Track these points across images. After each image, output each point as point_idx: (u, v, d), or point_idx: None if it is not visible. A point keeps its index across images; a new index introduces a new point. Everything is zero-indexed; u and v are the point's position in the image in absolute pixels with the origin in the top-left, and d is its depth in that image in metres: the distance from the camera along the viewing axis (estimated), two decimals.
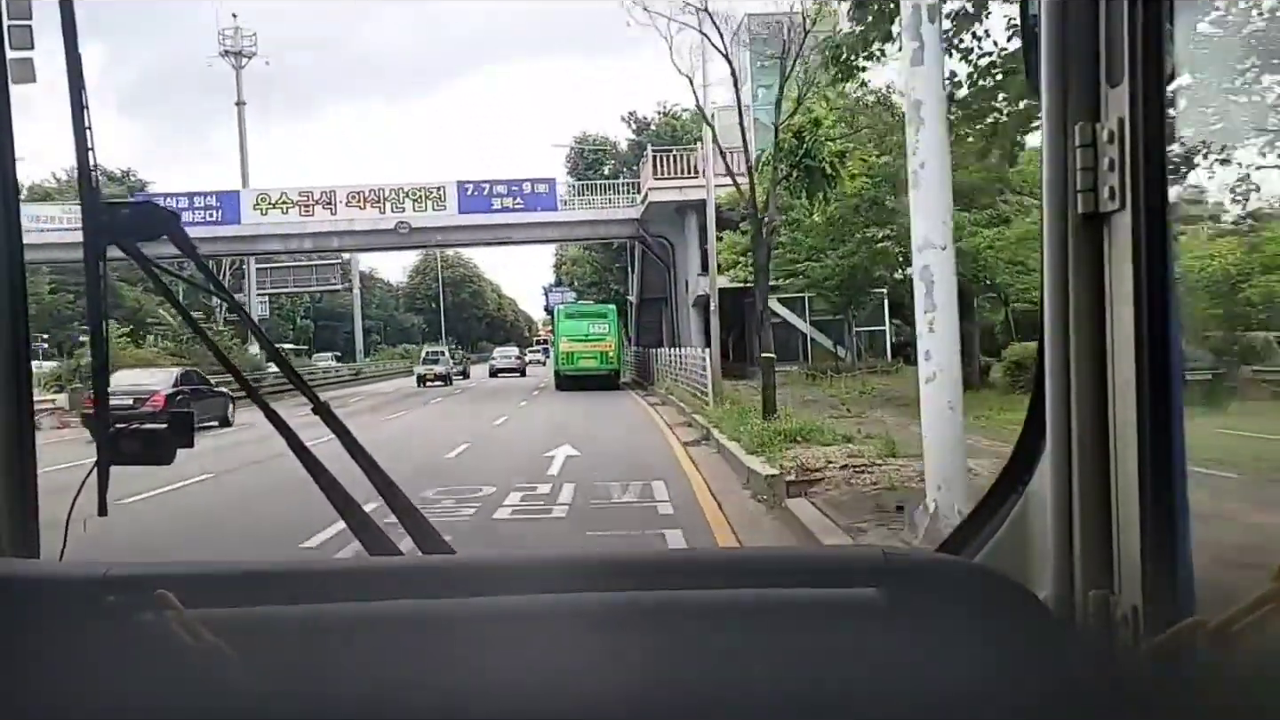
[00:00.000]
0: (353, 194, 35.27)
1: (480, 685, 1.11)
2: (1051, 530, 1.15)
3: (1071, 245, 1.10)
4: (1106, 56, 1.06)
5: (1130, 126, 1.04)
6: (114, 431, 1.43)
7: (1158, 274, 1.04)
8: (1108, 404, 1.09)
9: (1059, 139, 1.10)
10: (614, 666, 1.10)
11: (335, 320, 78.22)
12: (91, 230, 1.38)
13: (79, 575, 1.22)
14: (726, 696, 1.12)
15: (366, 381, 43.84)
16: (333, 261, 65.63)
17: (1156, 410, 1.04)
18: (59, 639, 1.12)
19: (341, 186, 35.56)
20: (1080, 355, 1.10)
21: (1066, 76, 1.09)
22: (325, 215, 35.07)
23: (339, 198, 35.17)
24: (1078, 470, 1.11)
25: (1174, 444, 1.05)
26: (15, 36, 1.42)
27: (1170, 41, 1.04)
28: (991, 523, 1.30)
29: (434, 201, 35.22)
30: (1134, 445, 1.05)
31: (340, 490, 1.46)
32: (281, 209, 34.88)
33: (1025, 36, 1.21)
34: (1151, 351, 1.04)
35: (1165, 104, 1.04)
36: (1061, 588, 1.13)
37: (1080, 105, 1.08)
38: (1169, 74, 1.05)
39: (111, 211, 1.40)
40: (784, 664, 1.13)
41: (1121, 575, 1.08)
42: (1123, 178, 1.04)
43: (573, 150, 48.86)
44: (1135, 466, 1.05)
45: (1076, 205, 1.08)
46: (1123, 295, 1.06)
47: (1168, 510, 1.05)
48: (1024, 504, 1.26)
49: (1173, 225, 1.06)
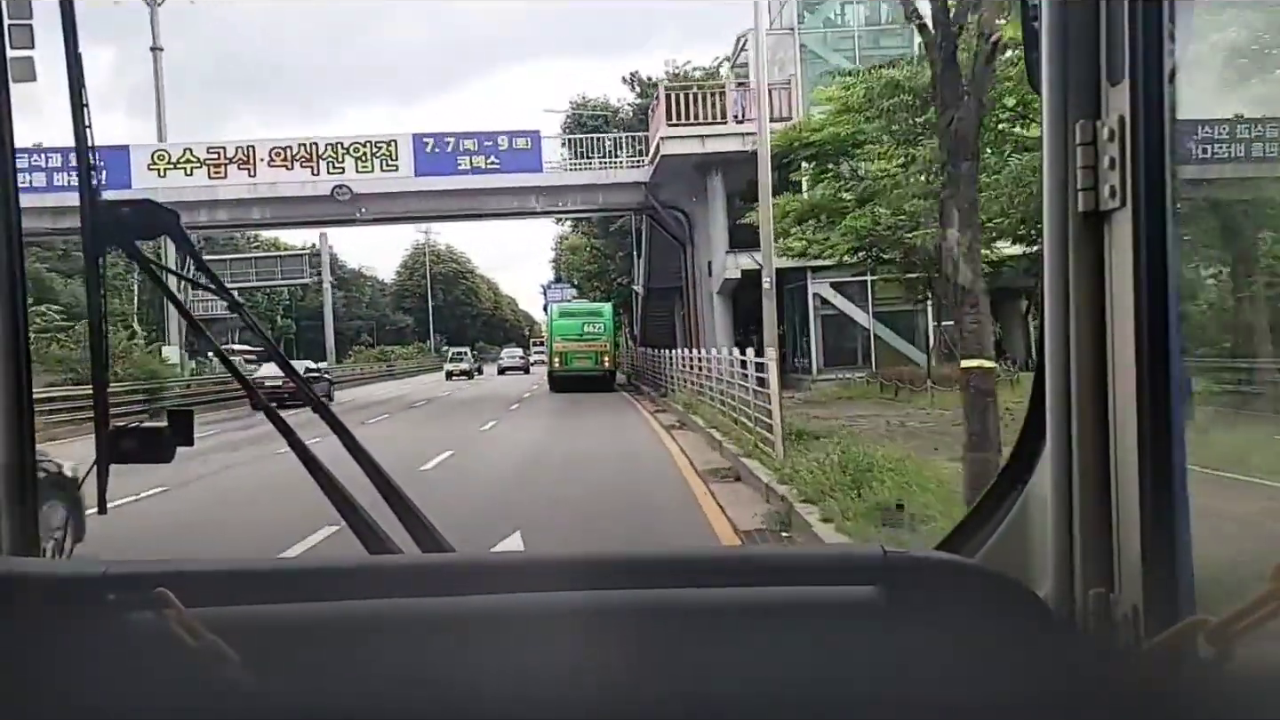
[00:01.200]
0: (277, 150, 27.04)
1: (480, 684, 1.12)
2: (1051, 529, 1.15)
3: (1072, 243, 1.10)
4: (1107, 54, 1.06)
5: (1131, 124, 1.04)
6: (113, 431, 1.44)
7: (1158, 272, 1.04)
8: (1108, 403, 1.09)
9: (1060, 137, 1.10)
10: (614, 665, 1.11)
11: (320, 319, 73.14)
12: (91, 229, 1.40)
13: (78, 574, 1.23)
14: (726, 695, 1.12)
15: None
16: (301, 251, 59.25)
17: (1157, 409, 1.05)
18: (59, 637, 1.13)
19: (263, 141, 27.51)
20: (1081, 353, 1.11)
21: (1067, 74, 1.09)
22: (243, 178, 27.20)
23: (259, 155, 27.10)
24: (1078, 469, 1.12)
25: (1174, 443, 1.05)
26: (15, 36, 1.43)
27: (1171, 39, 1.05)
28: (991, 521, 1.31)
29: (383, 160, 27.27)
30: (1134, 444, 1.05)
31: (340, 489, 1.48)
32: (184, 169, 26.65)
33: (1026, 34, 1.21)
34: (1152, 350, 1.04)
35: (1166, 102, 1.05)
36: (1061, 587, 1.14)
37: (1081, 103, 1.08)
38: (1170, 72, 1.05)
39: (111, 211, 1.41)
40: (784, 662, 1.13)
41: (1121, 574, 1.08)
42: (1123, 176, 1.04)
43: (570, 117, 41.13)
44: (1135, 465, 1.06)
45: (1077, 203, 1.08)
46: (1123, 293, 1.06)
47: (1168, 509, 1.05)
48: (1024, 503, 1.26)
49: (1173, 223, 1.06)
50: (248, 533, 8.25)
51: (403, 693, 1.11)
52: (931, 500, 7.32)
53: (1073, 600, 1.12)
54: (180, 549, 7.21)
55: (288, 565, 1.34)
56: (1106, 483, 1.09)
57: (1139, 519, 1.05)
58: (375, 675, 1.12)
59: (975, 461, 6.72)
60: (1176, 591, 1.05)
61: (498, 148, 27.56)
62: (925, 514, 6.94)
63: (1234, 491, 4.07)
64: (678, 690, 1.11)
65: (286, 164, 27.09)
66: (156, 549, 6.78)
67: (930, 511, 6.99)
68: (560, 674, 1.09)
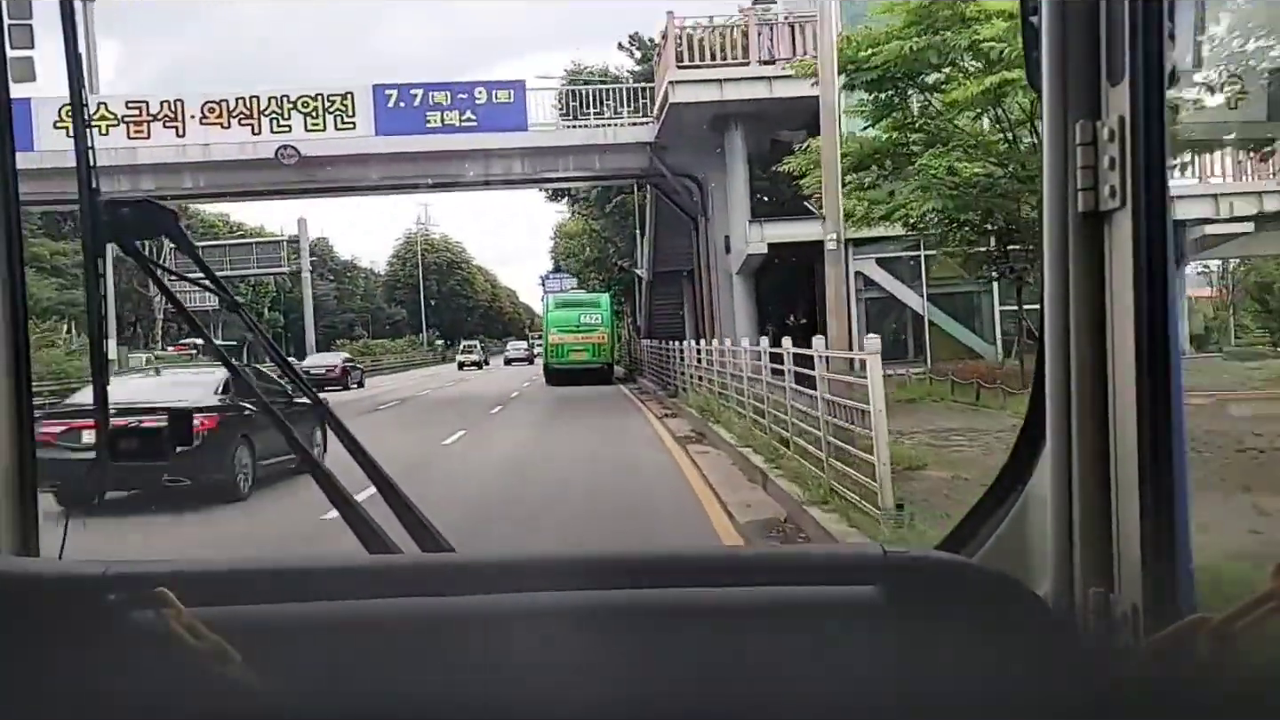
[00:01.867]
0: (210, 105, 22.36)
1: (480, 683, 1.12)
2: (1051, 529, 1.15)
3: (1072, 243, 1.10)
4: (1107, 54, 1.06)
5: (1131, 124, 1.04)
6: (113, 430, 1.45)
7: (1158, 271, 1.04)
8: (1108, 402, 1.09)
9: (1059, 136, 1.10)
10: (614, 664, 1.11)
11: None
12: (90, 228, 1.39)
13: (79, 574, 1.23)
14: (726, 694, 1.12)
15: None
16: (278, 238, 55.51)
17: (1156, 408, 1.04)
18: (59, 637, 1.13)
19: (194, 94, 22.75)
20: (1080, 353, 1.11)
21: (1067, 74, 1.09)
22: (169, 139, 22.74)
23: (188, 111, 22.35)
24: (1078, 468, 1.12)
25: (1174, 442, 1.05)
26: (15, 36, 1.44)
27: (1171, 39, 1.04)
28: (991, 521, 1.30)
29: (337, 116, 22.82)
30: (1134, 444, 1.05)
31: (339, 488, 1.47)
32: (99, 127, 22.14)
33: (1026, 34, 1.19)
34: (1152, 349, 1.04)
35: (1166, 102, 1.04)
36: (1061, 586, 1.13)
37: (1081, 103, 1.08)
38: (1170, 72, 1.05)
39: (111, 210, 1.41)
40: (783, 661, 1.13)
41: (1121, 574, 1.08)
42: (1123, 175, 1.04)
43: (565, 89, 36.49)
44: (1135, 465, 1.05)
45: (1077, 203, 1.08)
46: (1123, 293, 1.06)
47: (1168, 509, 1.05)
48: (1024, 502, 1.26)
49: (1172, 223, 1.06)
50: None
51: (403, 691, 1.11)
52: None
53: (1072, 599, 1.12)
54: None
55: (288, 565, 1.32)
56: (1106, 482, 1.09)
57: (1138, 518, 1.05)
58: (375, 674, 1.12)
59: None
60: (1176, 590, 1.05)
61: (475, 101, 22.93)
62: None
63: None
64: (678, 689, 1.12)
65: (222, 121, 22.49)
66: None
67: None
68: (560, 673, 1.08)
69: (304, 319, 50.79)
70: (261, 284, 54.69)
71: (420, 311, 74.49)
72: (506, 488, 9.87)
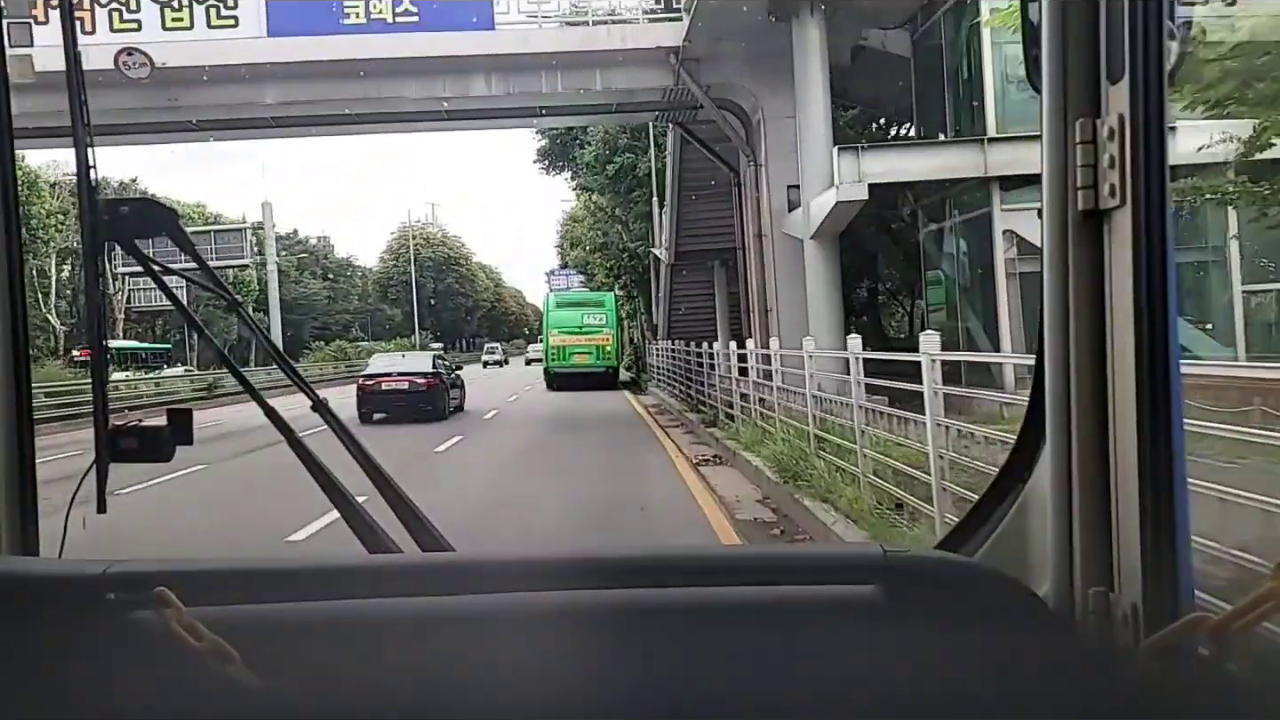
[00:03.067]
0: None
1: (481, 683, 1.12)
2: (1051, 528, 1.15)
3: (1072, 242, 1.10)
4: (1107, 52, 1.07)
5: (1130, 123, 1.04)
6: (112, 430, 1.44)
7: (1158, 270, 1.04)
8: (1108, 401, 1.09)
9: (1059, 135, 1.10)
10: (614, 664, 1.12)
11: (299, 313, 63.84)
12: (90, 228, 1.40)
13: (78, 573, 1.23)
14: (726, 694, 1.13)
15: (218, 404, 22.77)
16: (238, 226, 48.59)
17: (1156, 407, 1.05)
18: (59, 637, 1.14)
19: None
20: (1080, 352, 1.11)
21: (1067, 72, 1.09)
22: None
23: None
24: (1078, 467, 1.12)
25: (1174, 441, 1.05)
26: (15, 35, 1.41)
27: (1171, 39, 1.04)
28: (991, 520, 1.31)
29: (213, 9, 15.69)
30: (1133, 443, 1.06)
31: (339, 487, 1.48)
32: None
33: (1025, 32, 1.20)
34: (1151, 348, 1.04)
35: (1166, 100, 1.05)
36: (1061, 585, 1.14)
37: (1080, 101, 1.09)
38: (1170, 71, 1.05)
39: (110, 209, 1.41)
40: (783, 661, 1.13)
41: (1121, 573, 1.08)
42: (1123, 174, 1.05)
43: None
44: (1134, 464, 1.06)
45: (1077, 202, 1.09)
46: (1122, 292, 1.06)
47: (1168, 508, 1.05)
48: (1024, 501, 1.26)
49: (1172, 222, 1.06)
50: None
51: (402, 691, 1.12)
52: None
53: (1072, 599, 1.12)
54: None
55: (288, 565, 1.31)
56: (1106, 481, 1.10)
57: (1138, 518, 1.05)
58: (375, 674, 1.12)
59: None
60: (1175, 590, 1.05)
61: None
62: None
63: None
64: (678, 689, 1.12)
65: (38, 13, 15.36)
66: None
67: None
68: (560, 673, 1.09)
69: (270, 317, 44.18)
70: (242, 280, 48.31)
71: (420, 312, 68.00)
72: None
